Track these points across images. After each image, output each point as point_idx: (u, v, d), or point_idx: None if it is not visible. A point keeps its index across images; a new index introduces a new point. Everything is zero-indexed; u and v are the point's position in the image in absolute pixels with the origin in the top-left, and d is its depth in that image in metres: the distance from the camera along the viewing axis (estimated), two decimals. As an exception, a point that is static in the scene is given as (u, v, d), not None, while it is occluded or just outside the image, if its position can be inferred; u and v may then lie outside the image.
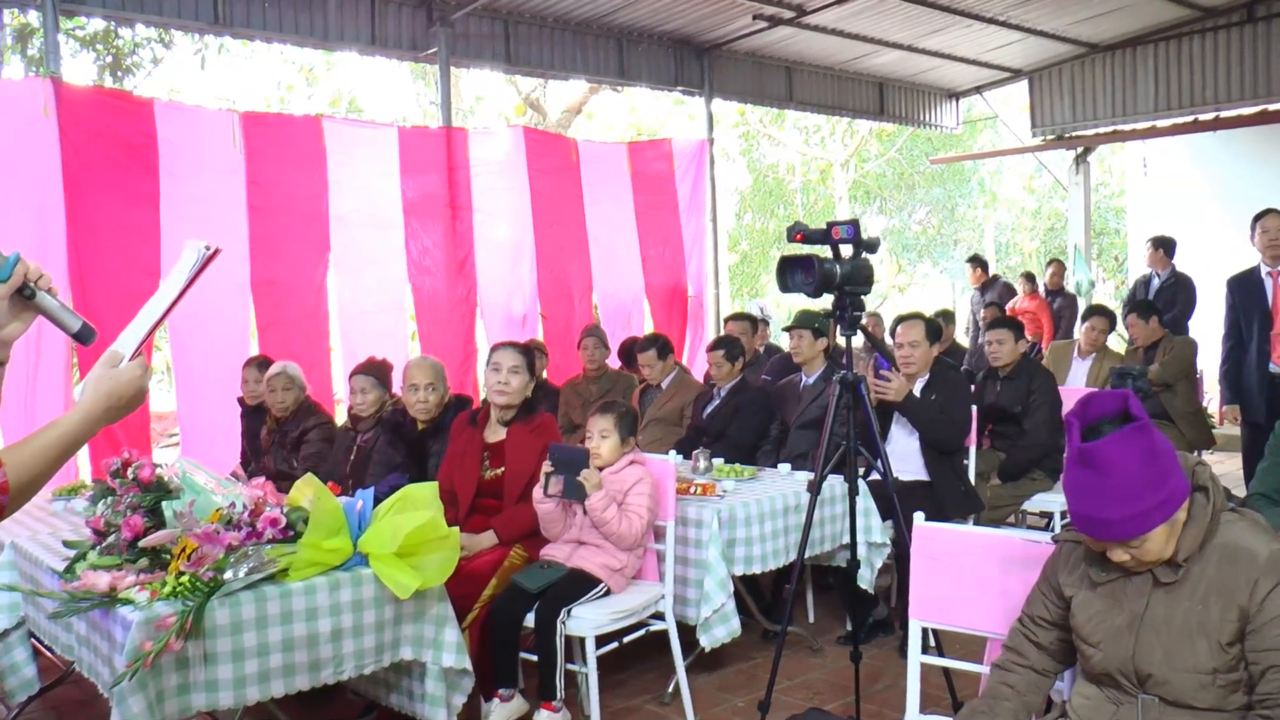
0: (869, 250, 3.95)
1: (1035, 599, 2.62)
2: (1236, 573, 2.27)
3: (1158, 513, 2.27)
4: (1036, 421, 6.12)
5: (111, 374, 2.04)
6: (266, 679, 3.22)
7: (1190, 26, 12.54)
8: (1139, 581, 2.40)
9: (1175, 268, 10.16)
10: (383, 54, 9.27)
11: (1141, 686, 2.38)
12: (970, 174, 26.92)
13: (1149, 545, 2.30)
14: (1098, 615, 2.45)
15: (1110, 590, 2.44)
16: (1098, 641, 2.44)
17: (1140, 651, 2.36)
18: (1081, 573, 2.50)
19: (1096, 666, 2.46)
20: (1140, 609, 2.38)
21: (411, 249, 8.75)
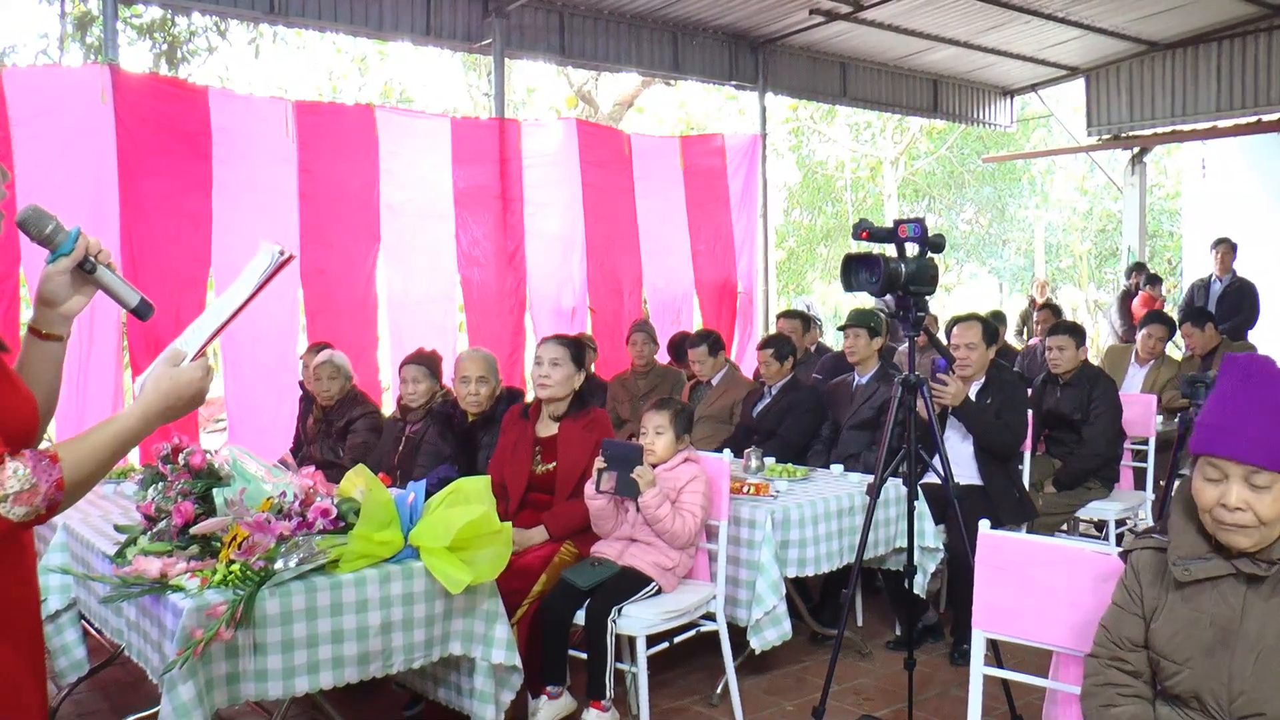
0: (935, 249, 3.87)
1: (1118, 620, 2.46)
2: None
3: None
4: (1096, 430, 5.99)
5: (173, 373, 2.01)
6: (315, 670, 3.19)
7: (1256, 25, 12.29)
8: (1227, 590, 2.28)
9: (1236, 272, 9.97)
10: (437, 44, 9.28)
11: (1229, 709, 2.26)
12: (1021, 173, 26.62)
13: (1268, 502, 2.18)
14: (1184, 629, 2.32)
15: (1197, 598, 2.32)
16: (1185, 659, 2.31)
17: (1234, 670, 2.24)
18: (1167, 579, 2.37)
19: (1182, 686, 2.33)
20: (1233, 621, 2.26)
21: (461, 240, 8.74)
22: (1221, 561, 2.28)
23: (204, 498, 3.53)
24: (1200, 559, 2.30)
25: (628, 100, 17.32)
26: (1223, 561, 2.28)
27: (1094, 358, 9.14)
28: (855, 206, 25.08)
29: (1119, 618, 2.45)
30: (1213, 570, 2.28)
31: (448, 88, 21.85)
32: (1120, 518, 6.08)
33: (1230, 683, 2.24)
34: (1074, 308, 23.20)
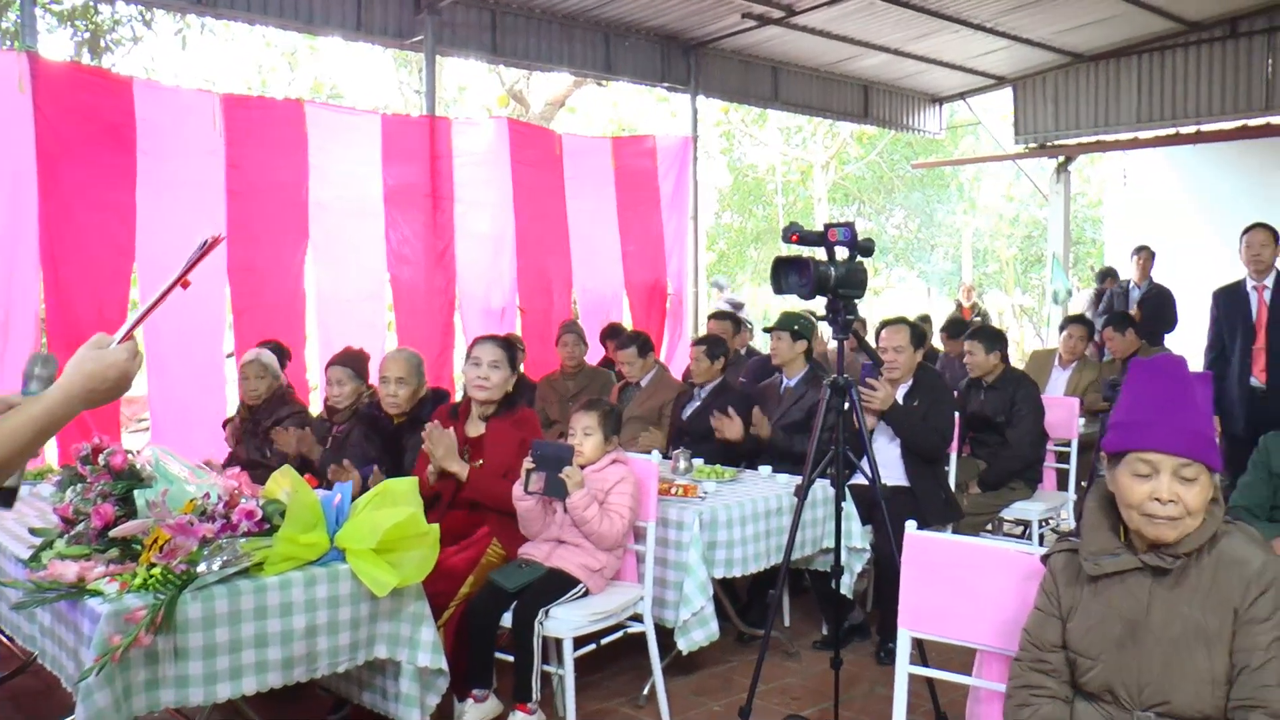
0: (864, 253, 3.90)
1: (1040, 624, 2.53)
2: (1232, 580, 2.27)
3: (1212, 452, 2.30)
4: (1019, 432, 6.11)
5: (96, 355, 1.97)
6: (239, 675, 3.14)
7: (1174, 40, 12.61)
8: (1134, 584, 2.38)
9: (1154, 279, 10.20)
10: (368, 40, 9.17)
11: (1139, 699, 2.35)
12: (949, 179, 26.98)
13: (1198, 488, 2.29)
14: (1097, 625, 2.41)
15: (1107, 593, 2.41)
16: (1098, 654, 2.40)
17: (1141, 663, 2.33)
18: (1081, 578, 2.45)
19: (1095, 681, 2.42)
20: (1140, 614, 2.35)
21: (391, 238, 8.66)
22: (1130, 556, 2.38)
23: (125, 499, 3.46)
24: (1110, 554, 2.40)
25: (559, 100, 17.28)
26: (1131, 556, 2.38)
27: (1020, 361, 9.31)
28: (786, 210, 25.26)
29: (1040, 621, 2.52)
30: (1121, 565, 2.38)
31: (379, 84, 21.66)
32: (1043, 517, 6.20)
33: (1139, 674, 2.33)
34: (1000, 312, 23.56)
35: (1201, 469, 2.30)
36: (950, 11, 11.01)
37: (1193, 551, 2.33)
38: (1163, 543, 2.34)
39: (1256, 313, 6.56)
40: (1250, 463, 4.18)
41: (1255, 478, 4.05)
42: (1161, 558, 2.34)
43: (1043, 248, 18.98)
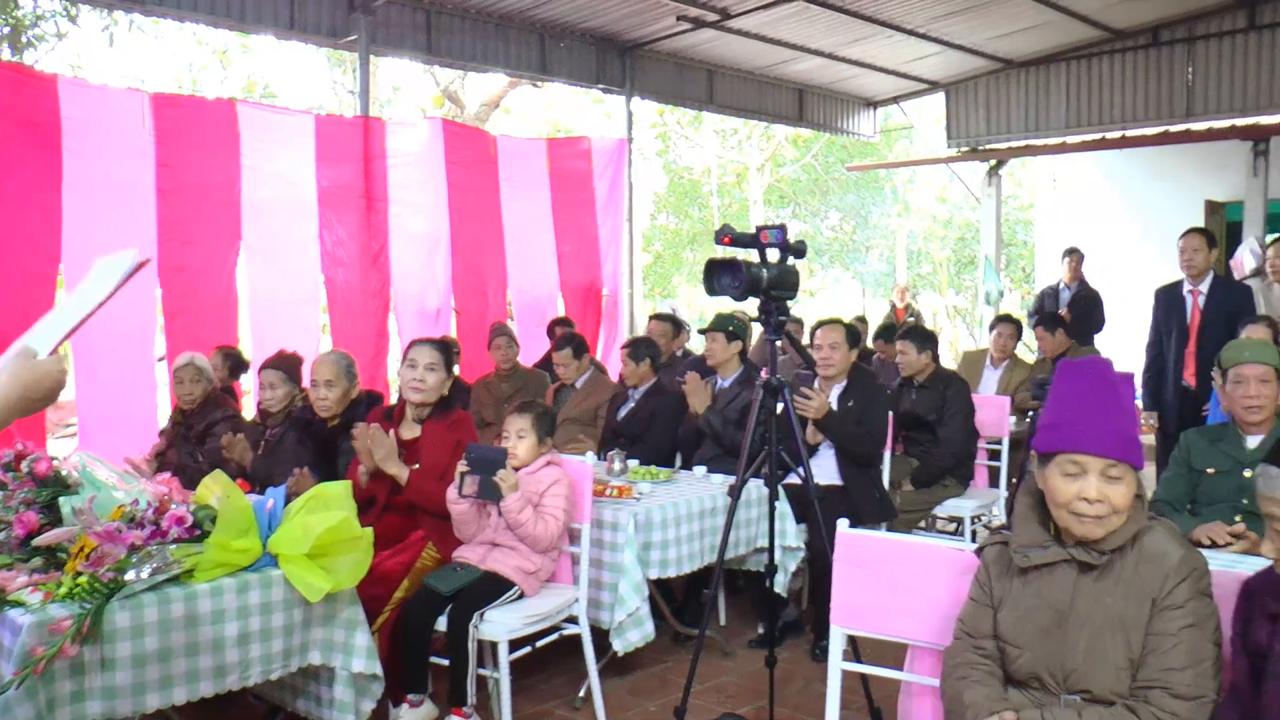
0: (796, 255, 3.94)
1: (973, 613, 2.62)
2: (1153, 572, 2.36)
3: (1136, 452, 2.38)
4: (951, 430, 6.20)
5: (31, 364, 1.96)
6: (169, 685, 3.10)
7: (1100, 47, 12.91)
8: (1061, 575, 2.46)
9: (1084, 280, 10.39)
10: (301, 39, 9.07)
11: (1065, 685, 2.43)
12: (884, 182, 27.26)
13: (1123, 487, 2.37)
14: (1025, 614, 2.49)
15: (1035, 584, 2.49)
16: (1025, 642, 2.48)
17: (1066, 648, 2.41)
18: (1011, 570, 2.54)
19: (1023, 669, 2.50)
20: (1066, 604, 2.43)
21: (325, 240, 8.58)
22: (1058, 549, 2.46)
23: (49, 507, 3.40)
24: (1039, 547, 2.48)
25: (494, 101, 17.23)
26: (1059, 549, 2.46)
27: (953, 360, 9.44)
28: (721, 212, 25.38)
29: (973, 612, 2.61)
30: (1050, 557, 2.46)
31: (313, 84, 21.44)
32: (975, 514, 6.30)
33: (1063, 661, 2.41)
34: (934, 313, 23.84)
35: (1127, 469, 2.39)
36: (883, 17, 11.14)
37: (1119, 547, 2.41)
38: (1089, 540, 2.42)
39: (1190, 316, 6.73)
40: (1171, 459, 4.28)
41: (1176, 473, 4.14)
42: (1089, 553, 2.42)
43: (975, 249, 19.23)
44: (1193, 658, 2.29)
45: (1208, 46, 12.31)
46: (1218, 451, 4.02)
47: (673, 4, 10.06)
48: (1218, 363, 4.22)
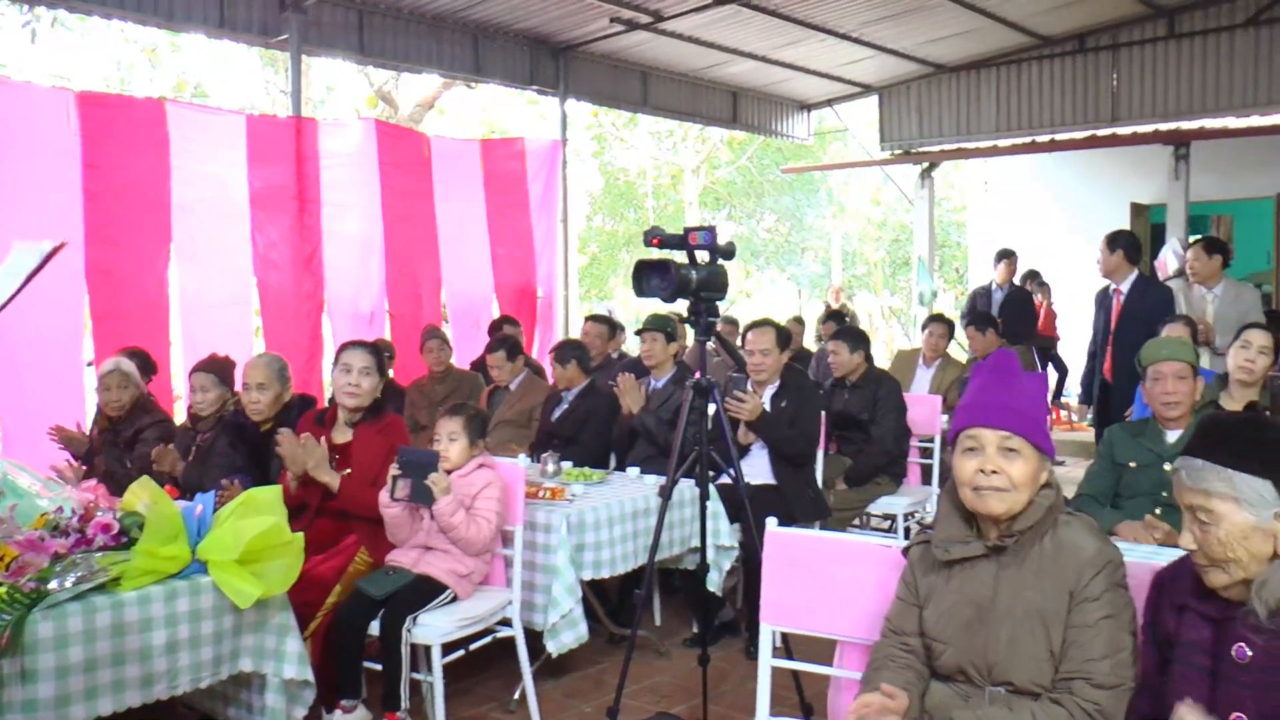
0: (725, 257, 3.97)
1: (900, 612, 2.68)
2: (1069, 564, 2.43)
3: (1039, 432, 2.49)
4: (883, 429, 6.27)
5: None
6: (94, 696, 3.05)
7: (1029, 53, 13.17)
8: (982, 570, 2.52)
9: (1015, 281, 10.57)
10: (232, 38, 8.93)
11: (988, 677, 2.49)
12: (819, 184, 27.46)
13: (1021, 462, 2.46)
14: (948, 610, 2.55)
15: (958, 579, 2.55)
16: (949, 638, 2.54)
17: (988, 641, 2.47)
18: (935, 567, 2.60)
19: (948, 663, 2.55)
20: (987, 599, 2.49)
21: (257, 241, 8.47)
22: (978, 543, 2.53)
23: (-32, 515, 3.34)
24: (960, 543, 2.55)
25: (429, 101, 17.13)
26: (979, 543, 2.53)
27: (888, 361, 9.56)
28: (657, 213, 25.42)
29: (900, 610, 2.67)
30: (969, 551, 2.53)
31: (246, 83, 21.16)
32: (908, 511, 6.37)
33: (986, 653, 2.47)
34: (870, 314, 24.07)
35: (1025, 444, 2.48)
36: (816, 21, 11.24)
37: (1029, 530, 2.48)
38: (993, 516, 2.50)
39: (1113, 315, 6.92)
40: (1096, 453, 4.40)
41: (1100, 467, 4.26)
42: (1002, 539, 2.49)
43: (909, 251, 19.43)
44: (1111, 648, 2.35)
45: (1131, 54, 12.61)
46: (1139, 446, 4.14)
47: (606, 6, 10.06)
48: (1138, 361, 4.35)
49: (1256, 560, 2.09)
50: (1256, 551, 2.09)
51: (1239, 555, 2.09)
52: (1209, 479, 2.12)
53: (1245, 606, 2.11)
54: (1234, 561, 2.10)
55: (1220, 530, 2.10)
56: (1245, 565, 2.10)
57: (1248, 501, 2.09)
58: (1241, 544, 2.09)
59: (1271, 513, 2.08)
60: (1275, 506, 2.08)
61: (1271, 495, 2.08)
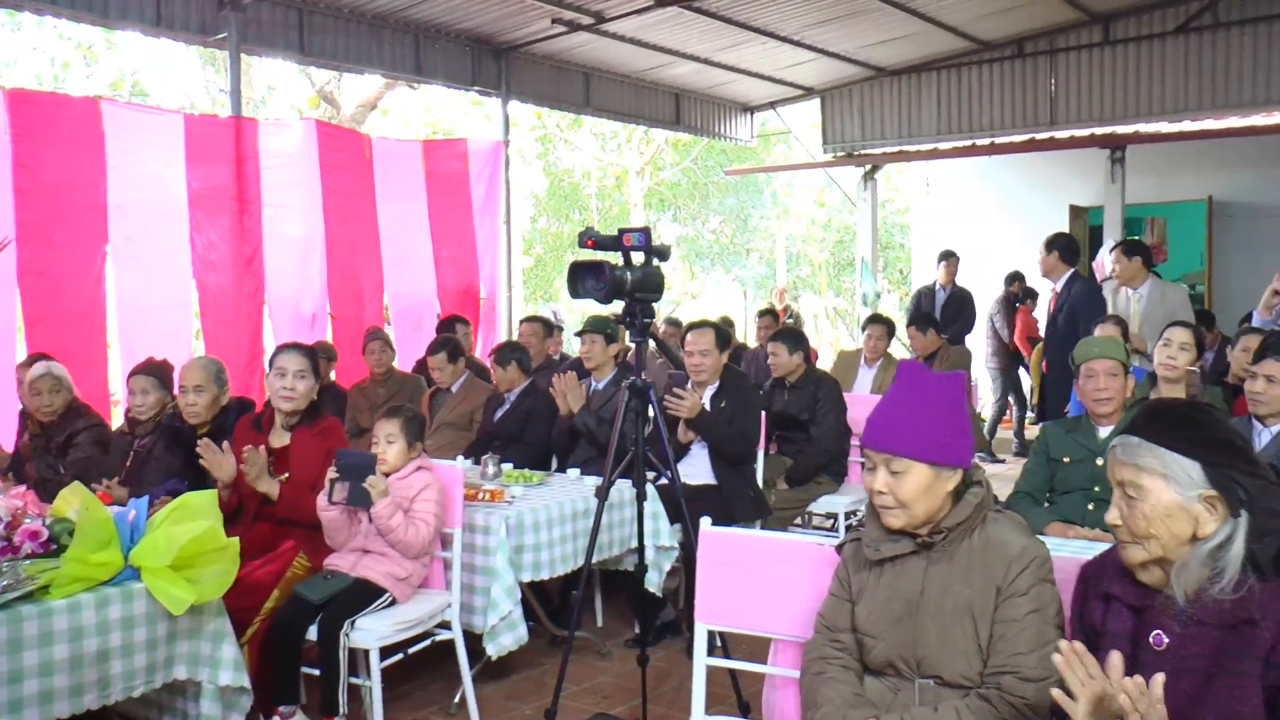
0: (660, 258, 3.99)
1: (833, 608, 2.72)
2: (997, 561, 2.48)
3: (929, 448, 2.52)
4: (823, 429, 6.32)
5: None
6: (19, 708, 2.99)
7: (969, 58, 13.34)
8: (912, 566, 2.57)
9: (957, 282, 10.71)
10: (169, 36, 8.79)
11: (918, 671, 2.54)
12: (763, 186, 27.60)
13: (909, 481, 2.51)
14: (879, 605, 2.59)
15: (888, 576, 2.60)
16: (880, 632, 2.58)
17: (918, 635, 2.52)
18: (865, 561, 2.65)
19: (878, 658, 2.60)
20: (916, 594, 2.54)
21: (197, 243, 8.37)
22: (906, 540, 2.58)
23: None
24: (889, 540, 2.60)
25: (371, 102, 17.02)
26: (907, 540, 2.58)
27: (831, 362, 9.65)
28: (602, 215, 25.43)
29: (833, 606, 2.71)
30: (898, 549, 2.58)
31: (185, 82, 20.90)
32: (850, 510, 6.39)
33: (915, 647, 2.52)
34: (815, 314, 24.22)
35: (911, 464, 2.52)
36: (758, 24, 11.31)
37: (957, 527, 2.53)
38: (896, 528, 2.57)
39: (1049, 313, 7.24)
40: (1031, 449, 4.49)
41: (1035, 463, 4.35)
42: (930, 536, 2.55)
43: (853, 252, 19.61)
44: (1038, 641, 2.40)
45: (1068, 59, 12.82)
46: (1073, 442, 4.23)
47: (547, 7, 10.05)
48: (1072, 359, 4.45)
49: (1175, 540, 2.14)
50: (1177, 531, 2.13)
51: (1159, 533, 2.14)
52: (1142, 455, 2.17)
53: (1164, 593, 2.16)
54: (1154, 539, 2.15)
55: (1146, 505, 2.15)
56: (1164, 544, 2.14)
57: (1176, 480, 2.13)
58: (1164, 521, 2.14)
59: (1197, 494, 2.12)
60: (1201, 489, 2.12)
61: (1199, 477, 2.13)
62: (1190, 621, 2.11)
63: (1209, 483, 2.12)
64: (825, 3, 10.96)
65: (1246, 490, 2.11)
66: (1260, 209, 12.92)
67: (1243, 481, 2.11)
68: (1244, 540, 2.09)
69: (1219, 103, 11.90)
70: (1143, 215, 13.97)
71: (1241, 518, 2.10)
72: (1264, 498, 2.11)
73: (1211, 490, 2.12)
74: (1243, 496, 2.11)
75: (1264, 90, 11.63)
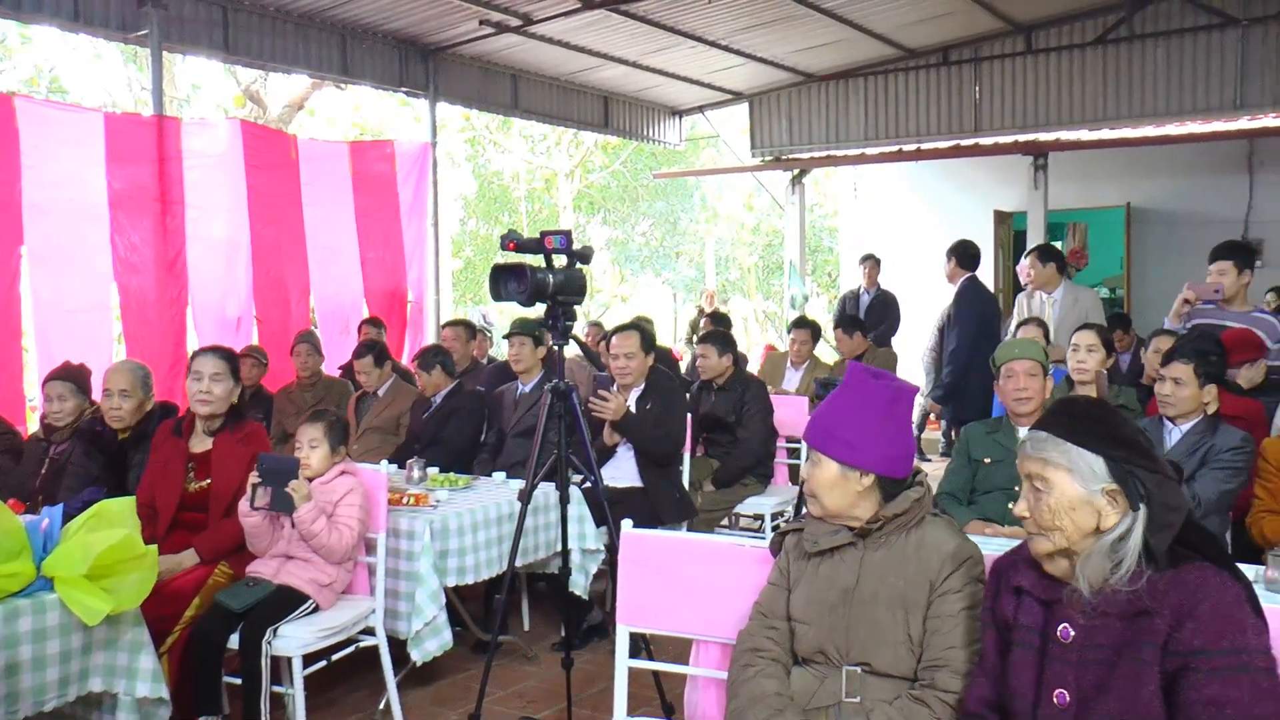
0: (582, 260, 4.00)
1: (771, 596, 2.79)
2: (931, 558, 2.58)
3: (836, 446, 2.66)
4: (750, 431, 6.36)
5: None
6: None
7: (895, 65, 13.53)
8: (849, 557, 2.66)
9: (881, 285, 10.84)
10: (87, 32, 8.61)
11: (846, 658, 2.61)
12: (693, 189, 27.73)
13: (818, 473, 2.67)
14: (815, 594, 2.67)
15: (825, 566, 2.69)
16: (812, 619, 2.66)
17: (850, 624, 2.60)
18: (801, 551, 2.74)
19: (809, 645, 2.67)
20: (851, 584, 2.63)
21: (118, 244, 8.19)
22: (846, 533, 2.67)
23: None
24: (829, 533, 2.69)
25: (298, 102, 16.81)
26: (847, 533, 2.67)
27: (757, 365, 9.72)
28: (531, 217, 25.39)
29: (770, 594, 2.79)
30: (836, 541, 2.67)
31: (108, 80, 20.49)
32: (776, 511, 6.44)
33: (847, 635, 2.61)
34: (744, 318, 24.36)
35: (821, 457, 2.68)
36: (685, 28, 11.36)
37: (894, 519, 2.63)
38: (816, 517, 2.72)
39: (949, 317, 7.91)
40: (954, 451, 4.57)
41: (957, 464, 4.43)
42: (868, 525, 2.65)
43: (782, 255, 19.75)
44: (970, 637, 2.50)
45: (992, 67, 13.05)
46: (993, 442, 4.32)
47: (475, 8, 10.01)
48: (993, 361, 4.54)
49: (1079, 532, 2.21)
50: (1081, 523, 2.20)
51: (1064, 524, 2.21)
52: (1049, 449, 2.25)
53: (1071, 586, 2.22)
54: (1059, 530, 2.22)
55: (1052, 498, 2.22)
56: (1069, 535, 2.21)
57: (1080, 474, 2.20)
58: (1069, 513, 2.21)
59: (1100, 488, 2.19)
60: (1103, 483, 2.19)
61: (1102, 471, 2.20)
62: (1095, 614, 2.18)
63: (1111, 477, 2.20)
64: (753, 8, 11.02)
65: (1145, 485, 2.18)
66: (1176, 215, 13.25)
67: (1142, 477, 2.19)
68: (1142, 533, 2.16)
69: (1135, 112, 12.21)
70: (1065, 220, 14.23)
71: (1140, 511, 2.17)
72: (1161, 492, 2.19)
73: (1113, 484, 2.19)
74: (1142, 491, 2.18)
75: (1177, 101, 11.96)
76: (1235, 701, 2.01)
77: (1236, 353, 5.22)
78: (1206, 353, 4.51)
